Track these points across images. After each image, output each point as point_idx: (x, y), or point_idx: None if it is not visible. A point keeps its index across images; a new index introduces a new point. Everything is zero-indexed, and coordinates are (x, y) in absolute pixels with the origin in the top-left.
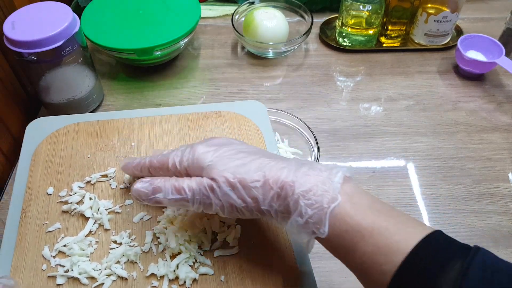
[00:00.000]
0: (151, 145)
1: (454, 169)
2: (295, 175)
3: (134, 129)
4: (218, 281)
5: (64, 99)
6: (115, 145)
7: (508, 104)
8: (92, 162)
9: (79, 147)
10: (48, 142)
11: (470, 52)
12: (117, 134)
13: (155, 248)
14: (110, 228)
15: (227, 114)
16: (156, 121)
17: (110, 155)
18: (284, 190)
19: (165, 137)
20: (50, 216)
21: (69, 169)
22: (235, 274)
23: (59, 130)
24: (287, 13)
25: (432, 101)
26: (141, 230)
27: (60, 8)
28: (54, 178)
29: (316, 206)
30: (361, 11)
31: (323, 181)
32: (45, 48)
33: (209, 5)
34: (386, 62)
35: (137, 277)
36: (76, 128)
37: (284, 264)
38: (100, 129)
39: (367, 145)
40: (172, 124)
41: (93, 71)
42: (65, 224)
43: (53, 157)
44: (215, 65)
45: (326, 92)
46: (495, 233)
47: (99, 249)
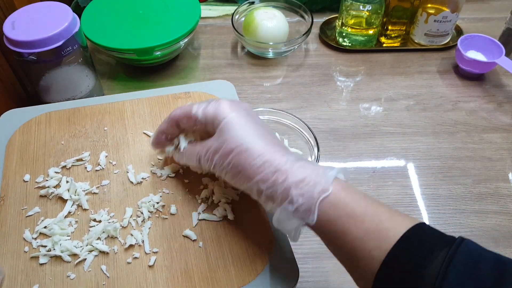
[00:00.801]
0: (123, 127)
1: (454, 169)
2: (291, 165)
3: (106, 113)
4: (196, 247)
5: (64, 99)
6: (88, 130)
7: (508, 104)
8: (66, 148)
9: (52, 135)
10: (21, 133)
11: (470, 52)
12: (89, 120)
13: (134, 223)
14: (89, 207)
15: (196, 95)
16: (127, 105)
17: (83, 140)
18: (275, 175)
19: (136, 119)
20: (29, 201)
21: (44, 157)
22: (213, 240)
23: (31, 120)
24: (287, 13)
25: (432, 101)
26: (120, 207)
27: (60, 8)
28: (30, 165)
29: (307, 196)
30: (361, 11)
31: (317, 173)
32: (45, 48)
33: (209, 5)
34: (386, 62)
35: (118, 251)
36: (48, 117)
37: (261, 234)
38: (72, 116)
39: (367, 145)
40: (143, 107)
41: (93, 71)
42: (44, 208)
43: (27, 146)
44: (215, 65)
45: (326, 92)
46: (495, 233)
47: (79, 228)
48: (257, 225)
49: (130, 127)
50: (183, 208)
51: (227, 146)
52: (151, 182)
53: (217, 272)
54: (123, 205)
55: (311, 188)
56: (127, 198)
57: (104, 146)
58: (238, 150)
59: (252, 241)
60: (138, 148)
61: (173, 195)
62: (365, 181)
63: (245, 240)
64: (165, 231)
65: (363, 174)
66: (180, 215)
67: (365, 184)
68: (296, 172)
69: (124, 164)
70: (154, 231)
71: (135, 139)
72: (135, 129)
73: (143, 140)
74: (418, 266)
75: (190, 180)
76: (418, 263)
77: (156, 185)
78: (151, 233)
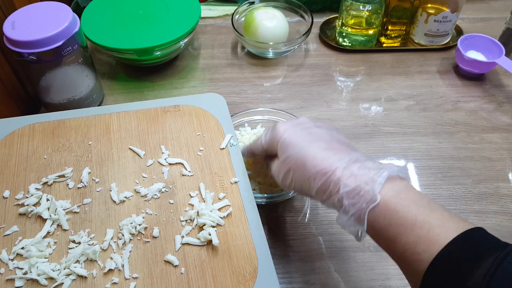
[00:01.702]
0: (109, 141)
1: (454, 169)
2: (342, 174)
3: (91, 127)
4: (178, 273)
5: (64, 99)
6: (72, 144)
7: (508, 104)
8: (49, 163)
9: (35, 148)
10: (2, 145)
11: (470, 52)
12: (74, 133)
13: (114, 246)
14: (69, 228)
15: (186, 108)
16: (114, 117)
17: (67, 154)
18: (330, 186)
19: (123, 133)
20: (7, 219)
21: (25, 171)
22: (195, 266)
23: (14, 132)
24: (287, 13)
25: (432, 101)
26: (101, 228)
27: (60, 8)
28: (10, 181)
29: (357, 206)
30: (361, 11)
31: (366, 181)
32: (45, 48)
33: (209, 5)
34: (386, 62)
35: (97, 275)
36: (32, 129)
37: (246, 261)
38: (56, 129)
39: (367, 145)
40: (130, 120)
41: (93, 71)
42: (23, 227)
43: (9, 160)
44: (215, 65)
45: (326, 92)
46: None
47: (58, 250)
48: (242, 251)
49: (116, 142)
50: (166, 231)
51: (285, 166)
52: (135, 201)
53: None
54: (104, 226)
55: (361, 198)
56: (108, 218)
57: (88, 162)
58: (294, 168)
59: (236, 268)
60: (122, 164)
61: (156, 216)
62: None
63: (229, 267)
64: (146, 255)
65: None
66: (163, 238)
67: None
68: (347, 181)
69: (107, 182)
70: (135, 254)
71: (120, 155)
72: (121, 144)
73: (128, 156)
74: (465, 269)
75: (175, 200)
76: (466, 267)
77: (139, 205)
78: (132, 256)
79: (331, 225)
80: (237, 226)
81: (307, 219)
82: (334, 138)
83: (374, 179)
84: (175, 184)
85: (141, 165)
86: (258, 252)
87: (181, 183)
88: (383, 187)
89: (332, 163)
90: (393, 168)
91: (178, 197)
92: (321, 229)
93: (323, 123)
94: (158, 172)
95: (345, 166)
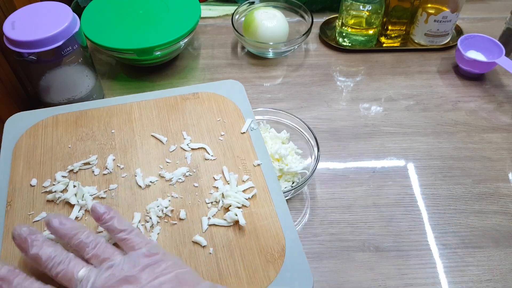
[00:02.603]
0: (131, 129)
1: (454, 169)
2: None
3: (113, 116)
4: (207, 254)
5: (64, 99)
6: (95, 133)
7: (508, 104)
8: (74, 151)
9: (59, 138)
10: (27, 136)
11: (470, 52)
12: (96, 123)
13: (142, 228)
14: None
15: (205, 95)
16: (135, 107)
17: (90, 143)
18: None
19: (144, 121)
20: (36, 206)
21: (51, 160)
22: (223, 246)
23: (38, 123)
24: (287, 13)
25: (432, 101)
26: (128, 212)
27: (60, 8)
28: (37, 170)
29: None
30: (361, 11)
31: None
32: (45, 48)
33: (209, 5)
34: (386, 62)
35: None
36: (55, 120)
37: (273, 240)
38: (79, 119)
39: (367, 145)
40: (151, 108)
41: (93, 71)
42: (51, 213)
43: (34, 150)
44: (215, 65)
45: (326, 92)
46: (495, 233)
47: None
48: (268, 230)
49: (138, 130)
50: (193, 213)
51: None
52: (160, 186)
53: (228, 279)
54: (131, 210)
55: None
56: (135, 203)
57: (112, 149)
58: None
59: (264, 247)
60: (146, 151)
61: (181, 199)
62: (365, 181)
63: (257, 246)
64: (174, 236)
65: (363, 174)
66: (190, 220)
67: (365, 184)
68: None
69: (132, 168)
70: (163, 236)
71: (143, 142)
72: (143, 132)
73: (151, 142)
74: None
75: (199, 184)
76: None
77: (164, 189)
78: (160, 238)
79: (331, 225)
80: (262, 206)
81: (307, 219)
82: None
83: None
84: (199, 168)
85: (164, 151)
86: (285, 231)
87: (204, 167)
88: None
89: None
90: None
91: (202, 181)
92: (321, 229)
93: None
94: (181, 157)
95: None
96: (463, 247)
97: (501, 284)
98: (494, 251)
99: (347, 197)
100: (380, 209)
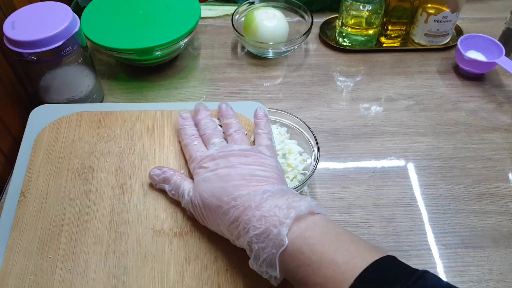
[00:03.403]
0: (152, 137)
1: (454, 169)
2: (253, 214)
3: (136, 121)
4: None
5: (64, 99)
6: (117, 135)
7: (508, 104)
8: (93, 150)
9: (81, 135)
10: (51, 129)
11: (470, 52)
12: (119, 125)
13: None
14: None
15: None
16: (158, 115)
17: (111, 145)
18: (240, 226)
19: (166, 131)
20: (48, 200)
21: (70, 156)
22: (226, 269)
23: (62, 118)
24: (287, 13)
25: (432, 101)
26: (138, 219)
27: (60, 8)
28: (55, 164)
29: (267, 250)
30: (361, 11)
31: (274, 224)
32: (45, 48)
33: (209, 5)
34: (386, 62)
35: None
36: (80, 117)
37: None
38: (103, 119)
39: (367, 145)
40: (174, 119)
41: (93, 71)
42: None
43: (55, 143)
44: (215, 65)
45: (326, 92)
46: (495, 233)
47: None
48: None
49: (159, 138)
50: (200, 230)
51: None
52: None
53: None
54: (141, 219)
55: (270, 242)
56: (145, 212)
57: (131, 154)
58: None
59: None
60: (163, 160)
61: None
62: (365, 181)
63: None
64: (180, 252)
65: (363, 174)
66: (197, 236)
67: (365, 184)
68: (257, 223)
69: (147, 175)
70: (169, 250)
71: (162, 152)
72: (163, 141)
73: (169, 153)
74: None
75: None
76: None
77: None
78: (165, 252)
79: None
80: None
81: None
82: (256, 172)
83: (282, 221)
84: None
85: (181, 163)
86: None
87: None
88: (290, 228)
89: (246, 201)
90: (301, 208)
91: None
92: None
93: (249, 154)
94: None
95: (257, 205)
96: (463, 247)
97: (501, 284)
98: (494, 251)
99: (347, 197)
100: (380, 209)
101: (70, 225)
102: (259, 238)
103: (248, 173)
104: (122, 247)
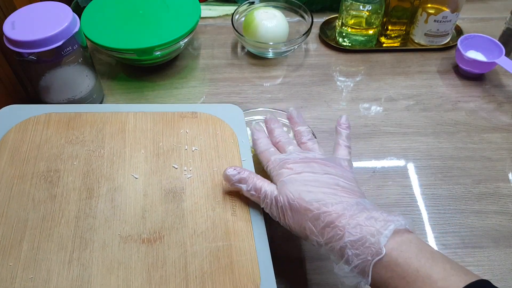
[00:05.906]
0: (123, 140)
1: (454, 169)
2: (348, 222)
3: (107, 123)
4: (177, 281)
5: (64, 99)
6: (86, 138)
7: (508, 104)
8: (60, 153)
9: (49, 137)
10: (17, 130)
11: (470, 52)
12: (89, 127)
13: (117, 243)
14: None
15: (203, 116)
16: (130, 117)
17: (79, 148)
18: (333, 231)
19: (138, 133)
20: (10, 204)
21: (35, 159)
22: (196, 276)
23: (30, 119)
24: (287, 13)
25: (432, 101)
26: (105, 224)
27: (60, 8)
28: (19, 167)
29: (361, 257)
30: (361, 11)
31: (372, 233)
32: (45, 48)
33: (209, 5)
34: (386, 62)
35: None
36: (48, 118)
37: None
38: (72, 121)
39: (367, 145)
40: (146, 121)
41: (93, 71)
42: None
43: (21, 145)
44: (215, 65)
45: (326, 92)
46: (495, 233)
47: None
48: (245, 267)
49: (130, 141)
50: (170, 237)
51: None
52: (141, 203)
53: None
54: (108, 224)
55: (366, 249)
56: (113, 217)
57: (99, 157)
58: (295, 206)
59: (238, 284)
60: (133, 164)
61: (161, 220)
62: (365, 181)
63: (230, 281)
64: (147, 259)
65: (363, 174)
66: (166, 244)
67: (365, 184)
68: (353, 230)
69: (116, 180)
70: (136, 257)
71: (132, 155)
72: (134, 144)
73: (140, 156)
74: None
75: (182, 207)
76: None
77: (145, 207)
78: (132, 258)
79: None
80: (242, 240)
81: None
82: (341, 183)
83: (380, 231)
84: (184, 191)
85: (152, 167)
86: (261, 270)
87: (190, 190)
88: (388, 240)
89: (339, 209)
90: (400, 222)
91: (186, 204)
92: None
93: (330, 165)
94: (168, 177)
95: (352, 214)
96: (463, 247)
97: (501, 284)
98: (494, 251)
99: None
100: None
101: (33, 230)
102: (353, 244)
103: (334, 183)
104: (87, 254)
